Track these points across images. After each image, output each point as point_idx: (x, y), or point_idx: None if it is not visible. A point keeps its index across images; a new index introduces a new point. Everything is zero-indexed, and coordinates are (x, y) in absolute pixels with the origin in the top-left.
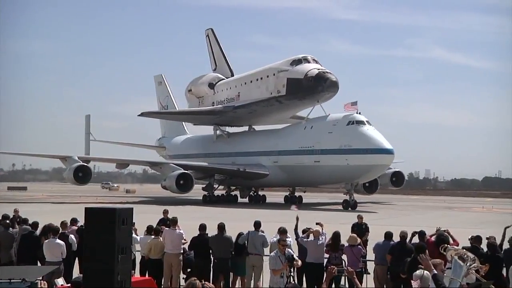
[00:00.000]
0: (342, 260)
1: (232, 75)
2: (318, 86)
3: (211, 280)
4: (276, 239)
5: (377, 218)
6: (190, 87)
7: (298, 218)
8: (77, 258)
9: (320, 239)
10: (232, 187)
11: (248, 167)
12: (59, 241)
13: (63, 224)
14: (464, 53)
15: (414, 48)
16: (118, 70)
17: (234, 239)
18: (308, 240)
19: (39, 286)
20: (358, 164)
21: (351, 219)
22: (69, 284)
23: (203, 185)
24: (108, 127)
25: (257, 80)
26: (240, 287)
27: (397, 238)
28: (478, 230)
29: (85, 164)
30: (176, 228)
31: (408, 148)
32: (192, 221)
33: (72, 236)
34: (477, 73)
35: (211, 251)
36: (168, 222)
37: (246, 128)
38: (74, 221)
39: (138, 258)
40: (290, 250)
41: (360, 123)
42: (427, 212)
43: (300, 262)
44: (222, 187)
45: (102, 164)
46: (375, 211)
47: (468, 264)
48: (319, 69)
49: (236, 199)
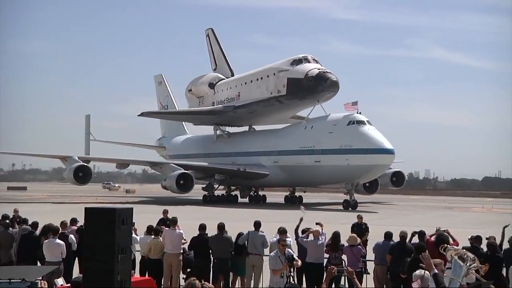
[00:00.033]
0: (342, 260)
1: (232, 75)
2: (318, 86)
3: (211, 280)
4: (276, 239)
5: (377, 218)
6: (190, 87)
7: (302, 219)
8: (77, 258)
9: (320, 239)
10: (232, 187)
11: (248, 167)
12: (59, 241)
13: (63, 224)
14: (464, 53)
15: (414, 48)
16: (118, 70)
17: (234, 239)
18: (308, 240)
19: (39, 286)
20: (358, 164)
21: (351, 219)
22: (69, 284)
23: (203, 185)
24: (108, 127)
25: (257, 80)
26: (240, 287)
27: (397, 238)
28: (478, 230)
29: (85, 164)
30: (176, 228)
31: (408, 148)
32: (192, 221)
33: (72, 236)
34: (477, 73)
35: (211, 251)
36: (168, 222)
37: (246, 128)
38: (74, 221)
39: (138, 258)
40: (290, 250)
41: (361, 123)
42: (427, 212)
43: (300, 262)
44: (222, 187)
45: (102, 164)
46: (376, 211)
47: (468, 264)
48: (319, 69)
49: (236, 199)
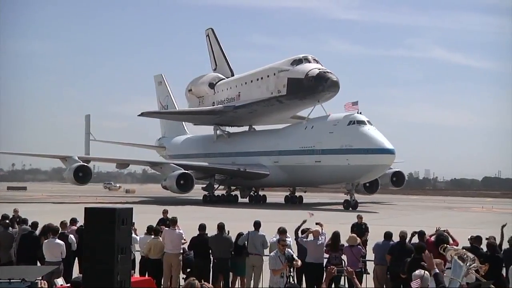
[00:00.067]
0: (341, 260)
1: (233, 75)
2: (318, 86)
3: (211, 280)
4: (275, 239)
5: (376, 218)
6: (190, 87)
7: (305, 221)
8: (76, 258)
9: (320, 239)
10: (232, 187)
11: (249, 167)
12: (58, 241)
13: (63, 224)
14: (464, 53)
15: (414, 48)
16: (118, 70)
17: (234, 239)
18: (307, 240)
19: (39, 286)
20: (359, 164)
21: (351, 219)
22: (68, 284)
23: (203, 185)
24: (108, 127)
25: (257, 80)
26: (240, 287)
27: (396, 238)
28: (478, 230)
29: (85, 164)
30: (176, 228)
31: (408, 148)
32: (192, 221)
33: (71, 236)
34: (477, 73)
35: (210, 251)
36: (168, 222)
37: (246, 128)
38: (73, 221)
39: (138, 258)
40: (290, 250)
41: (361, 123)
42: (427, 212)
43: (300, 262)
44: (222, 187)
45: (102, 164)
46: (376, 211)
47: (468, 264)
48: (319, 69)
49: (237, 199)
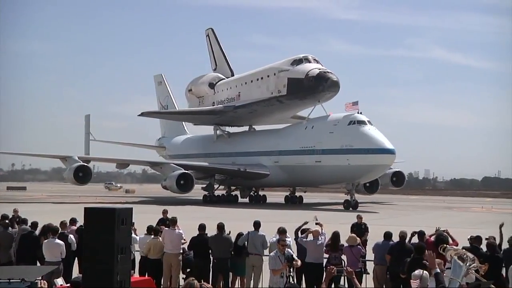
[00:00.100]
0: (341, 260)
1: (233, 74)
2: (319, 86)
3: (211, 280)
4: (275, 239)
5: (376, 218)
6: (190, 87)
7: (306, 222)
8: (76, 258)
9: (320, 239)
10: (232, 187)
11: (249, 167)
12: (58, 241)
13: (63, 224)
14: (464, 53)
15: (414, 48)
16: (118, 70)
17: (233, 239)
18: (307, 240)
19: (39, 286)
20: (359, 164)
21: (351, 219)
22: (68, 284)
23: (203, 185)
24: (108, 127)
25: (257, 80)
26: (239, 287)
27: (396, 238)
28: (478, 230)
29: (85, 164)
30: (176, 228)
31: (408, 148)
32: (192, 221)
33: (71, 236)
34: (477, 73)
35: (210, 251)
36: (168, 222)
37: (246, 128)
38: (73, 221)
39: (138, 258)
40: (289, 250)
41: (362, 123)
42: (427, 212)
43: (299, 262)
44: (222, 187)
45: (102, 164)
46: (376, 211)
47: (467, 264)
48: (320, 68)
49: (237, 199)
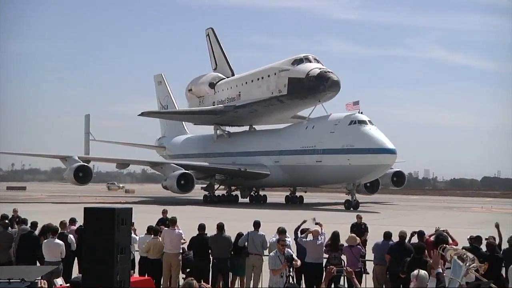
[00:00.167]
0: (341, 260)
1: (233, 74)
2: (319, 86)
3: (210, 280)
4: (275, 239)
5: (376, 218)
6: (191, 87)
7: (305, 221)
8: (76, 258)
9: (319, 239)
10: (232, 187)
11: (249, 167)
12: (58, 241)
13: (62, 224)
14: (464, 53)
15: (413, 48)
16: (118, 70)
17: (233, 239)
18: (307, 240)
19: (39, 286)
20: (360, 164)
21: (351, 219)
22: (68, 284)
23: (204, 185)
24: (108, 127)
25: (258, 79)
26: (239, 287)
27: (396, 238)
28: (477, 230)
29: (85, 164)
30: (175, 228)
31: (408, 148)
32: (192, 221)
33: (71, 236)
34: (477, 73)
35: (210, 251)
36: (167, 222)
37: (247, 128)
38: (72, 221)
39: (138, 258)
40: (289, 250)
41: (362, 122)
42: (427, 212)
43: (299, 262)
44: (222, 187)
45: (102, 164)
46: (376, 211)
47: (467, 264)
48: (320, 68)
49: (237, 199)
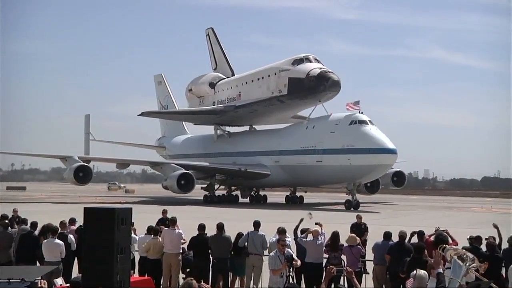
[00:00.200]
0: (341, 260)
1: (233, 74)
2: (320, 86)
3: (210, 280)
4: (275, 239)
5: (376, 218)
6: (191, 87)
7: (302, 220)
8: (76, 258)
9: (319, 239)
10: (233, 187)
11: (249, 167)
12: (58, 241)
13: (62, 224)
14: (464, 53)
15: (413, 48)
16: (118, 70)
17: (233, 239)
18: (307, 240)
19: (39, 286)
20: (360, 164)
21: (350, 219)
22: (68, 284)
23: (204, 185)
24: (108, 127)
25: (258, 79)
26: (239, 287)
27: (396, 238)
28: (477, 230)
29: (85, 164)
30: (175, 228)
31: (407, 148)
32: (192, 221)
33: (71, 236)
34: (477, 73)
35: (210, 251)
36: (167, 222)
37: (247, 128)
38: (72, 221)
39: (138, 258)
40: (289, 250)
41: (363, 122)
42: (427, 212)
43: (299, 262)
44: (223, 187)
45: (102, 164)
46: (377, 211)
47: (467, 264)
48: (321, 68)
49: (237, 199)
